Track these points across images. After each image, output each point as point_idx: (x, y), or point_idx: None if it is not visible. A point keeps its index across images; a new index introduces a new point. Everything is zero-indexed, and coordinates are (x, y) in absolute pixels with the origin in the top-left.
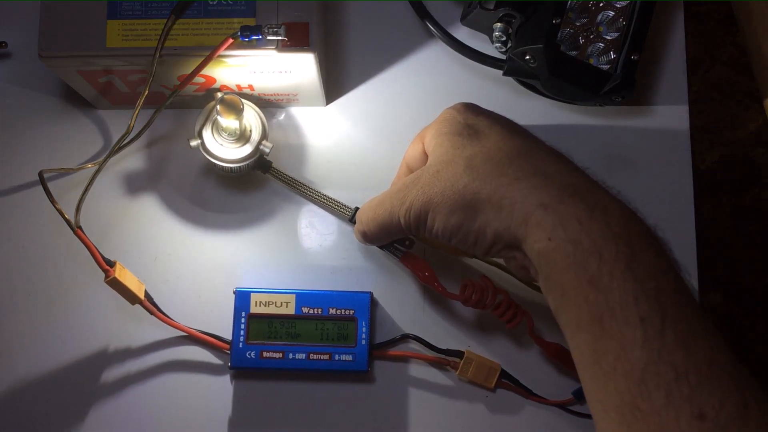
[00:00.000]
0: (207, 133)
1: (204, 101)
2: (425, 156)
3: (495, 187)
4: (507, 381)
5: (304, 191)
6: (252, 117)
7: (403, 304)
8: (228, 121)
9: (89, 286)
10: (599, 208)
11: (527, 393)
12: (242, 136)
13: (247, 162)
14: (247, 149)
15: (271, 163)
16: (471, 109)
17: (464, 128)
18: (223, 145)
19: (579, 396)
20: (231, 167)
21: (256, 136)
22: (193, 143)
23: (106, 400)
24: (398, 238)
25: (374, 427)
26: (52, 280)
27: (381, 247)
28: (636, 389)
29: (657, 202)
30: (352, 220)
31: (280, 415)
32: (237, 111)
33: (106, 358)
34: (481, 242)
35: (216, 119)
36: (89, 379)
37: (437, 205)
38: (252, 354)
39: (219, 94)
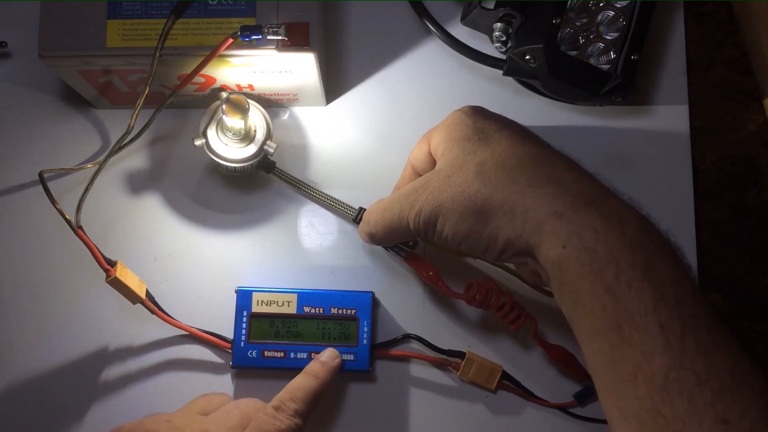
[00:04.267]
0: (211, 133)
1: (204, 101)
2: (430, 158)
3: (507, 194)
4: (508, 382)
5: (307, 191)
6: (257, 117)
7: (404, 304)
8: (233, 121)
9: (90, 286)
10: (614, 216)
11: (528, 395)
12: (246, 136)
13: (251, 162)
14: (251, 149)
15: (275, 163)
16: (479, 112)
17: (474, 132)
18: (227, 144)
19: (580, 399)
20: (235, 167)
21: (260, 136)
22: (198, 142)
23: (108, 399)
24: (405, 240)
25: (375, 427)
26: (53, 280)
27: (385, 248)
28: (657, 396)
29: (657, 202)
30: (356, 221)
31: None
32: (243, 111)
33: (108, 357)
34: (491, 248)
35: (221, 119)
36: (91, 379)
37: (447, 211)
38: (253, 353)
39: (224, 94)
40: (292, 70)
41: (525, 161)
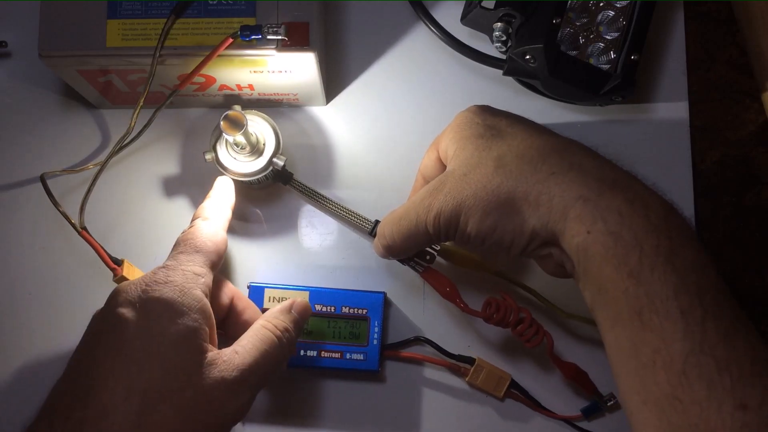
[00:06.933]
0: (221, 147)
1: (204, 101)
2: (440, 164)
3: (531, 184)
4: (516, 391)
5: (323, 203)
6: (266, 130)
7: (416, 306)
8: (232, 137)
9: (99, 286)
10: (639, 201)
11: (535, 405)
12: (255, 150)
13: (260, 176)
14: (259, 163)
15: (292, 174)
16: (487, 110)
17: (485, 129)
18: (236, 158)
19: (587, 413)
20: (248, 180)
21: (269, 149)
22: (208, 156)
23: None
24: (424, 248)
25: (382, 426)
26: (58, 282)
27: (402, 262)
28: (676, 381)
29: None
30: (372, 234)
31: (289, 409)
32: (239, 127)
33: None
34: (517, 242)
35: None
36: None
37: (470, 208)
38: None
39: (237, 107)
40: (292, 70)
41: (544, 151)
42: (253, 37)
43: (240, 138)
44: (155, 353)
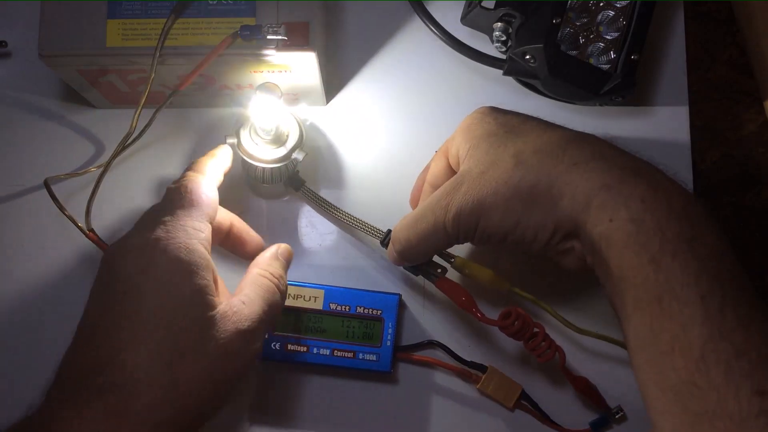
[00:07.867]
0: (244, 133)
1: (204, 100)
2: (451, 171)
3: (554, 176)
4: (526, 403)
5: (333, 213)
6: (292, 125)
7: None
8: (268, 96)
9: None
10: (661, 188)
11: (544, 418)
12: (278, 139)
13: (277, 165)
14: (280, 152)
15: (304, 181)
16: (497, 110)
17: (498, 127)
18: (258, 144)
19: (596, 427)
20: (263, 167)
21: (291, 142)
22: (230, 140)
23: None
24: (441, 250)
25: (392, 428)
26: (64, 284)
27: (415, 273)
28: (694, 366)
29: None
30: (383, 243)
31: (299, 406)
32: (275, 93)
33: None
34: (540, 236)
35: (252, 123)
36: None
37: (491, 206)
38: (276, 345)
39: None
40: (292, 69)
41: (563, 143)
42: (253, 37)
43: (268, 123)
44: (171, 314)
